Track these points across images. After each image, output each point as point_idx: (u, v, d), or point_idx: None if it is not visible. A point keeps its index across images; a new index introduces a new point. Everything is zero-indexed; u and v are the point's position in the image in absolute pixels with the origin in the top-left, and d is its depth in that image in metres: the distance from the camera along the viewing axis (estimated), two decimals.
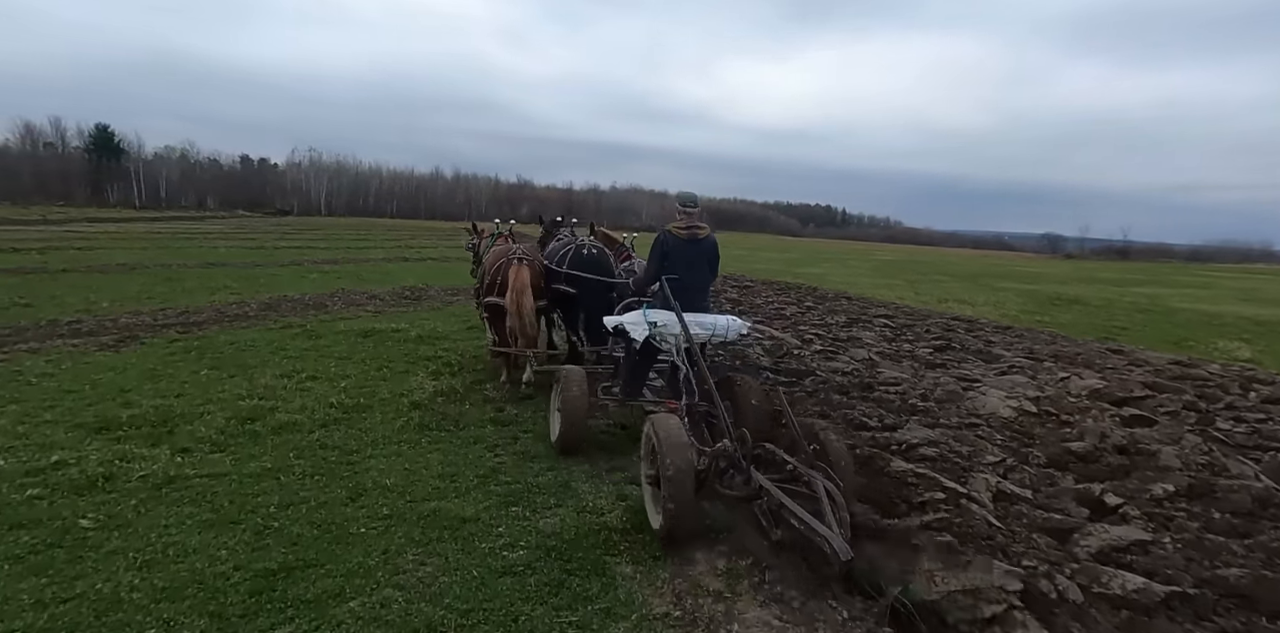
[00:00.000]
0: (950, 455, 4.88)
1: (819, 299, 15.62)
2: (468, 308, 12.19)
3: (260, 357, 7.94)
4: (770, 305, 13.92)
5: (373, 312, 11.57)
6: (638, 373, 5.35)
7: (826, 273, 26.04)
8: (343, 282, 16.17)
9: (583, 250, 6.77)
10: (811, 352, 9.15)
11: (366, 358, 8.06)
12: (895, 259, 42.68)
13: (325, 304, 12.17)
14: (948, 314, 13.87)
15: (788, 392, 6.86)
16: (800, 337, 10.34)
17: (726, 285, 17.64)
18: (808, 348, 9.38)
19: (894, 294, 17.92)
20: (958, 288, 21.31)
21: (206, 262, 20.28)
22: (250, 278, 16.29)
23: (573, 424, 4.79)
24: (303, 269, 19.14)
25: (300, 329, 9.65)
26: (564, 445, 4.92)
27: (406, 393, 6.49)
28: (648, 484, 3.91)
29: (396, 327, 9.92)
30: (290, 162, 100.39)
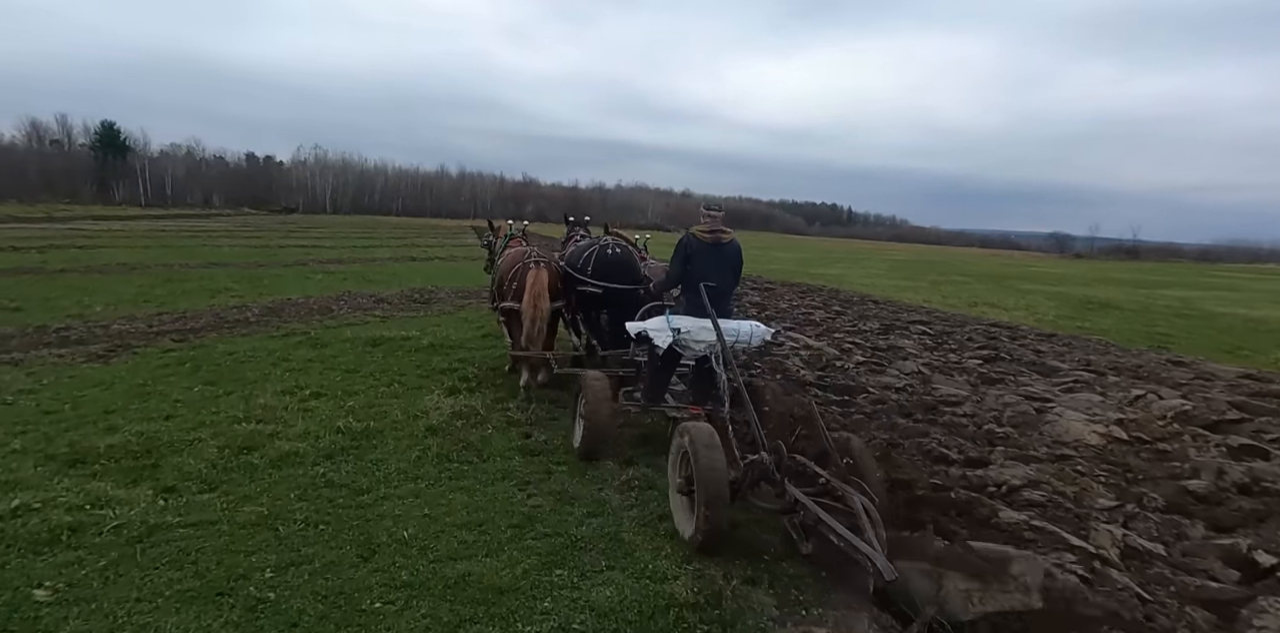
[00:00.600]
0: (1058, 498, 4.19)
1: (844, 303, 14.91)
2: (480, 312, 11.53)
3: (261, 369, 7.26)
4: (796, 310, 13.22)
5: (381, 317, 10.90)
6: (660, 379, 5.24)
7: (844, 274, 25.30)
8: (349, 283, 15.50)
9: (607, 250, 6.52)
10: (854, 363, 8.45)
11: (376, 371, 7.38)
12: (909, 259, 41.90)
13: (331, 308, 11.49)
14: (984, 320, 13.15)
15: (842, 413, 6.19)
16: (838, 345, 9.65)
17: (747, 288, 16.92)
18: (849, 359, 8.69)
19: (920, 297, 17.19)
20: (983, 290, 20.56)
21: (209, 262, 19.64)
22: (253, 279, 15.63)
23: (597, 432, 4.69)
24: (307, 270, 18.48)
25: (304, 337, 8.97)
26: (587, 453, 4.81)
27: (421, 414, 5.80)
28: (677, 493, 3.81)
29: (406, 334, 9.24)
30: (295, 159, 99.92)
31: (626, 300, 6.22)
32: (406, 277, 17.65)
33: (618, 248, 6.60)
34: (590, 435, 4.73)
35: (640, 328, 4.87)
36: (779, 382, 7.05)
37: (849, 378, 7.66)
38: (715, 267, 4.81)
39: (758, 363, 8.22)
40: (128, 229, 36.22)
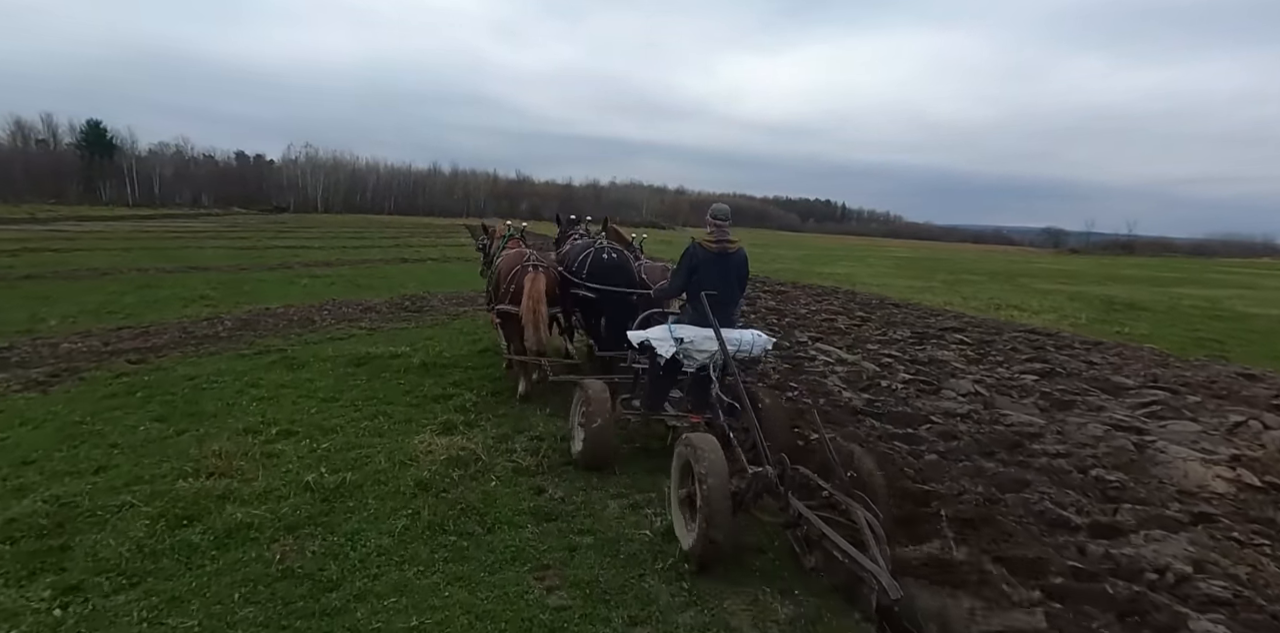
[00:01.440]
0: (1242, 590, 3.19)
1: (865, 306, 13.93)
2: (476, 322, 10.49)
3: (223, 399, 6.21)
4: (817, 316, 12.22)
5: (367, 329, 9.84)
6: (661, 388, 5.15)
7: (852, 273, 24.33)
8: (335, 289, 14.40)
9: (603, 254, 6.47)
10: (900, 382, 7.45)
11: (359, 399, 6.35)
12: (912, 256, 40.99)
13: (313, 319, 10.42)
14: (1017, 325, 12.19)
15: (911, 451, 5.19)
16: (875, 359, 8.66)
17: (759, 291, 15.92)
18: (893, 377, 7.69)
19: (939, 298, 16.23)
20: (1000, 290, 19.64)
21: (188, 265, 18.49)
22: (233, 285, 14.53)
23: (598, 441, 4.59)
24: (292, 273, 17.37)
25: (279, 356, 7.91)
26: (588, 462, 4.72)
27: (410, 461, 4.77)
28: (678, 504, 3.75)
29: (395, 350, 8.18)
30: (286, 158, 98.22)
31: (622, 303, 6.21)
32: (397, 280, 16.56)
33: (613, 252, 6.53)
34: (590, 445, 4.61)
35: (642, 337, 4.75)
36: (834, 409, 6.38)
37: (901, 402, 6.67)
38: (721, 276, 4.73)
39: (794, 383, 7.22)
40: (111, 230, 34.95)
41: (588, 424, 4.63)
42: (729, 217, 4.96)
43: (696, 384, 5.01)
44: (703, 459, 3.39)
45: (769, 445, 3.78)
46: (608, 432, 4.59)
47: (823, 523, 3.19)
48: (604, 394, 4.69)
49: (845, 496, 3.39)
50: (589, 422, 4.61)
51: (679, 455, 3.75)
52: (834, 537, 3.09)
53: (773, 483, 3.50)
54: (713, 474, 3.31)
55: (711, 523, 3.24)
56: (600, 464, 4.71)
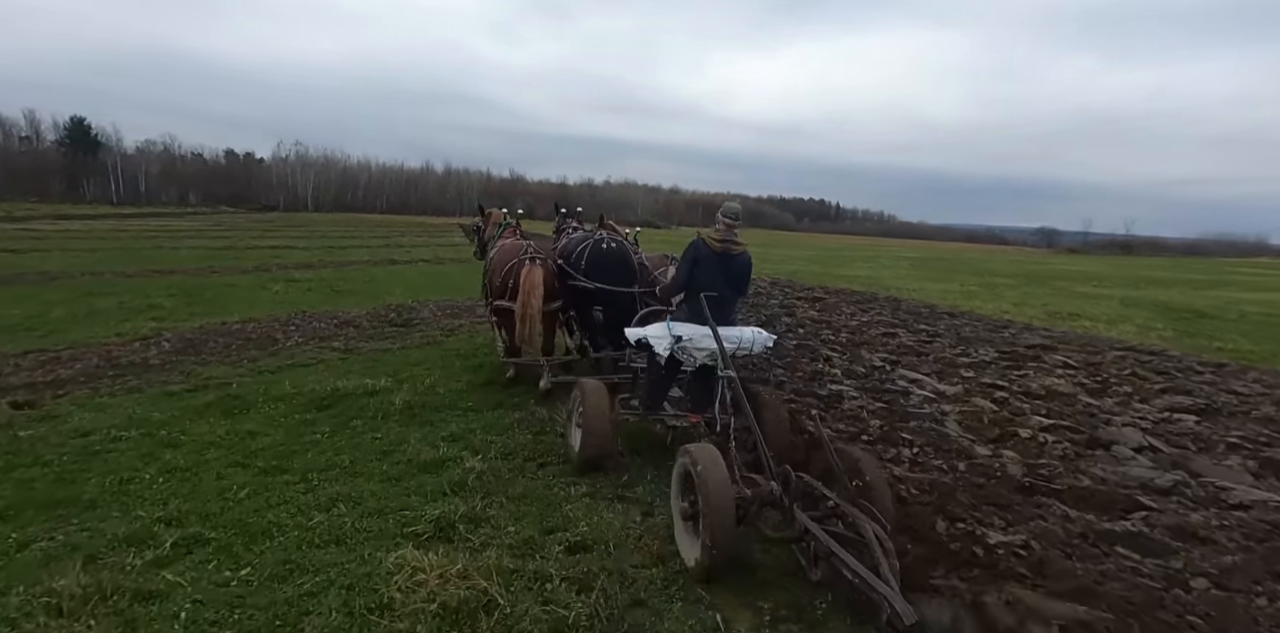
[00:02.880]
0: None
1: (917, 316, 12.06)
2: (475, 340, 8.54)
3: (117, 472, 4.26)
4: (872, 329, 10.33)
5: (341, 351, 7.87)
6: (660, 387, 4.90)
7: (873, 275, 22.49)
8: (311, 297, 12.40)
9: (602, 245, 6.18)
10: (1038, 429, 5.60)
11: (314, 469, 4.41)
12: (923, 257, 39.16)
13: (275, 338, 8.43)
14: (1106, 340, 10.34)
15: (1166, 574, 3.31)
16: (984, 393, 6.79)
17: (793, 297, 14.02)
18: (1024, 421, 5.83)
19: (989, 305, 14.39)
20: (1043, 295, 17.83)
21: (152, 268, 16.45)
22: (194, 292, 12.50)
23: (596, 442, 4.39)
24: (267, 277, 15.34)
25: (219, 395, 5.95)
26: (586, 465, 4.49)
27: (379, 611, 2.84)
28: (680, 518, 3.53)
29: (373, 385, 6.23)
30: (276, 156, 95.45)
31: (621, 297, 5.97)
32: (384, 285, 14.57)
33: (612, 242, 6.25)
34: (589, 447, 4.43)
35: (640, 335, 4.57)
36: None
37: (1071, 467, 4.79)
38: (722, 276, 4.56)
39: (907, 435, 5.33)
40: (87, 229, 32.79)
41: (585, 425, 4.44)
42: (740, 217, 4.58)
43: (696, 383, 4.84)
44: (704, 473, 3.21)
45: (772, 456, 3.68)
46: (606, 433, 4.42)
47: (831, 540, 3.05)
48: (602, 394, 4.52)
49: (851, 506, 3.22)
50: (587, 422, 4.42)
51: (679, 466, 3.56)
52: (844, 557, 2.95)
53: (777, 498, 3.37)
54: (715, 490, 3.14)
55: (716, 540, 3.08)
56: (599, 466, 4.53)
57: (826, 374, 7.34)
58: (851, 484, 3.38)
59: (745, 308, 12.12)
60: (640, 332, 4.59)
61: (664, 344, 4.39)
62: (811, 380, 7.12)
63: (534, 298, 5.72)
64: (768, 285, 17.13)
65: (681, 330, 4.40)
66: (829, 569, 3.11)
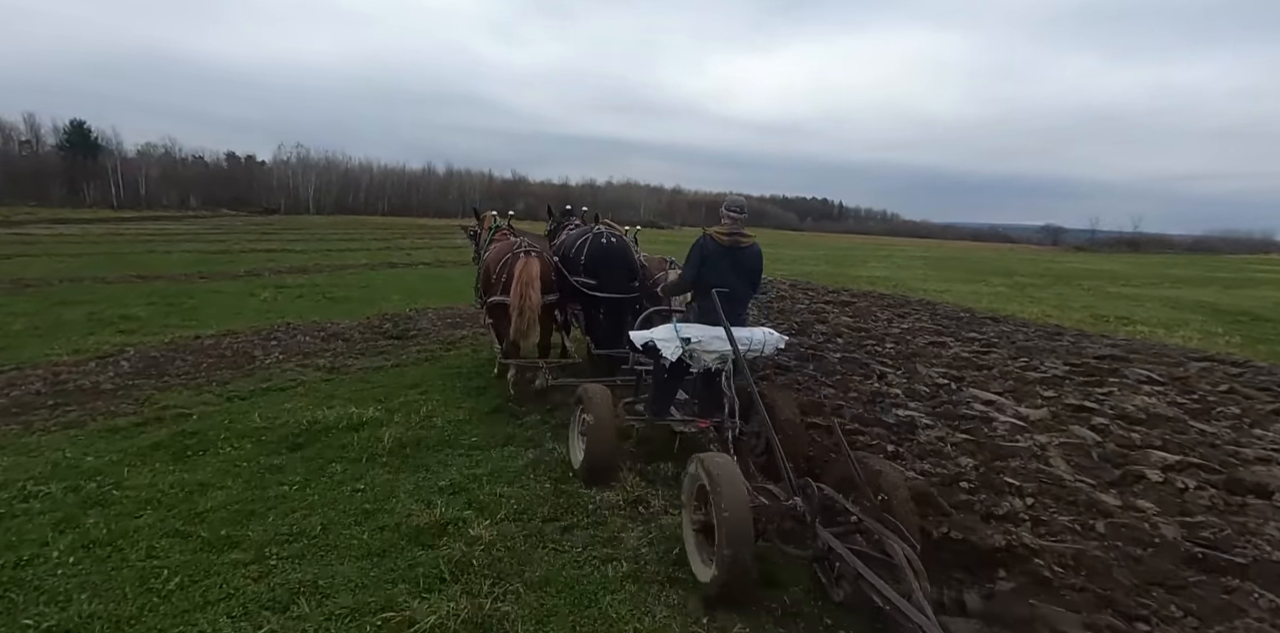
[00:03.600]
0: None
1: (960, 322, 11.03)
2: (480, 356, 7.52)
3: (11, 545, 3.26)
4: (918, 339, 9.30)
5: (326, 370, 6.84)
6: (667, 391, 4.66)
7: (891, 276, 21.44)
8: (300, 304, 11.38)
9: (601, 239, 5.95)
10: (1167, 469, 4.58)
11: (269, 545, 3.38)
12: (937, 256, 38.04)
13: (253, 355, 7.41)
14: (1180, 350, 9.28)
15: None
16: (1078, 419, 5.78)
17: (818, 302, 12.98)
18: (1143, 458, 4.81)
19: (1031, 309, 13.33)
20: (1078, 296, 16.78)
21: (138, 273, 15.43)
22: (175, 299, 11.49)
23: (600, 450, 4.11)
24: (257, 283, 14.32)
25: (172, 430, 4.93)
26: (591, 474, 4.17)
27: None
28: (694, 532, 3.24)
29: (359, 415, 5.21)
30: (277, 158, 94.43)
31: (622, 294, 5.85)
32: (381, 291, 13.54)
33: (612, 237, 6.07)
34: (594, 455, 4.12)
35: (646, 337, 4.24)
36: None
37: (1238, 528, 3.77)
38: (732, 272, 4.30)
39: (1012, 480, 4.31)
40: (82, 233, 31.76)
41: (589, 432, 4.18)
42: (744, 209, 4.42)
43: (704, 387, 4.66)
44: (719, 483, 2.94)
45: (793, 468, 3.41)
46: (611, 440, 4.18)
47: (859, 562, 2.79)
48: (606, 399, 4.29)
49: (877, 522, 3.00)
50: (591, 430, 4.17)
51: (691, 478, 3.26)
52: (874, 581, 2.68)
53: (801, 516, 3.11)
54: (731, 502, 2.87)
55: (733, 555, 2.80)
56: (604, 476, 4.21)
57: (887, 395, 6.32)
58: (876, 498, 3.16)
59: (773, 314, 11.09)
60: (646, 335, 4.29)
61: (672, 347, 4.11)
62: (872, 403, 6.09)
63: (531, 289, 5.40)
64: (788, 287, 16.11)
65: (690, 332, 4.13)
66: (853, 588, 2.89)
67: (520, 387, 5.78)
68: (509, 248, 5.83)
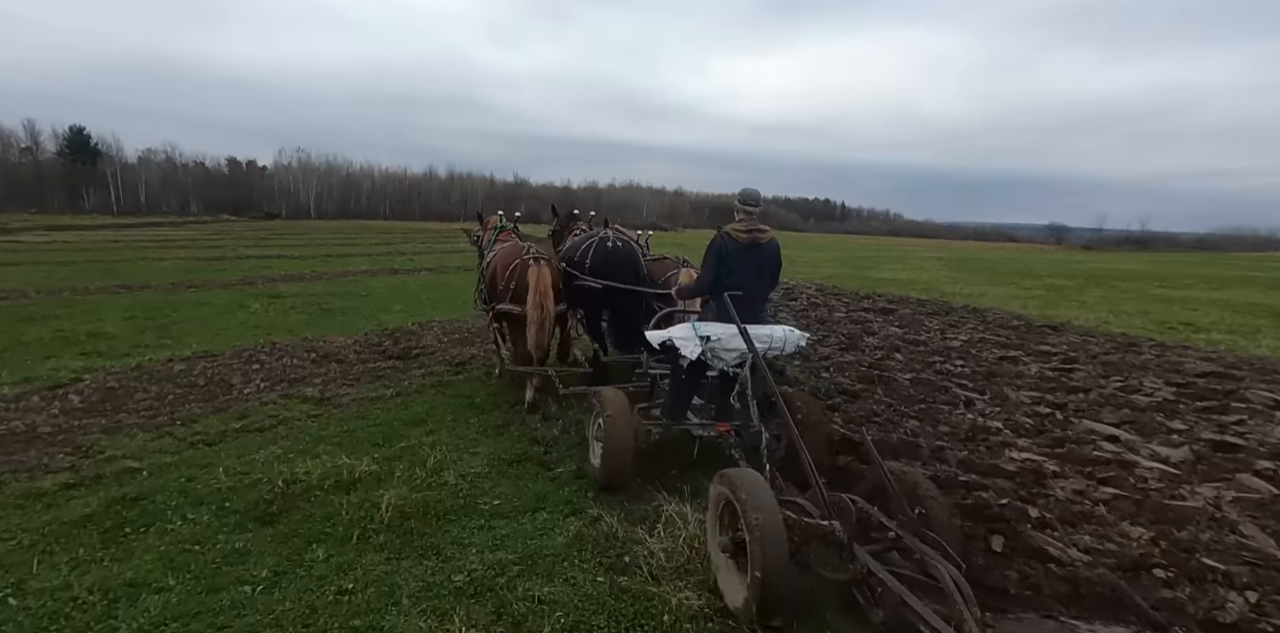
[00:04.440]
0: None
1: (1012, 330, 9.93)
2: (494, 385, 6.44)
3: None
4: (985, 353, 8.20)
5: (314, 402, 5.74)
6: (685, 393, 4.46)
7: (915, 278, 20.33)
8: (292, 318, 10.30)
9: (607, 243, 5.81)
10: None
11: None
12: (950, 257, 36.86)
13: (231, 382, 6.32)
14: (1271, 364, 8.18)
15: None
16: (1241, 463, 4.67)
17: (855, 308, 11.86)
18: None
19: (1087, 315, 12.21)
20: (1125, 300, 15.65)
21: (123, 283, 14.39)
22: (155, 313, 10.42)
23: (618, 457, 3.93)
24: (249, 293, 13.25)
25: (112, 494, 3.83)
26: (608, 481, 4.02)
27: None
28: (722, 554, 3.00)
29: (351, 468, 4.10)
30: (278, 163, 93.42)
31: (631, 298, 5.67)
32: (382, 301, 12.45)
33: (619, 241, 5.89)
34: (610, 461, 3.95)
35: (664, 337, 4.09)
36: None
37: None
38: (751, 270, 4.09)
39: (1211, 562, 3.22)
40: (77, 240, 30.73)
41: (607, 439, 3.96)
42: (760, 202, 4.19)
43: (722, 389, 4.43)
44: (750, 501, 2.74)
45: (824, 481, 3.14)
46: (628, 446, 3.94)
47: (903, 587, 2.55)
48: (622, 403, 4.09)
49: (917, 539, 2.77)
50: (608, 436, 3.95)
51: (717, 495, 3.06)
52: (920, 610, 2.43)
53: (839, 539, 2.84)
54: (764, 520, 2.66)
55: (767, 576, 2.59)
56: (620, 482, 4.01)
57: (987, 430, 5.22)
58: (914, 513, 2.96)
59: (812, 324, 10.01)
60: (663, 334, 4.14)
61: (691, 346, 3.97)
62: (972, 440, 5.00)
63: (548, 300, 5.27)
64: (815, 292, 15.01)
65: (710, 330, 3.98)
66: (892, 611, 2.62)
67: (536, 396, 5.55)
68: (516, 253, 5.59)
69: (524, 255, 5.48)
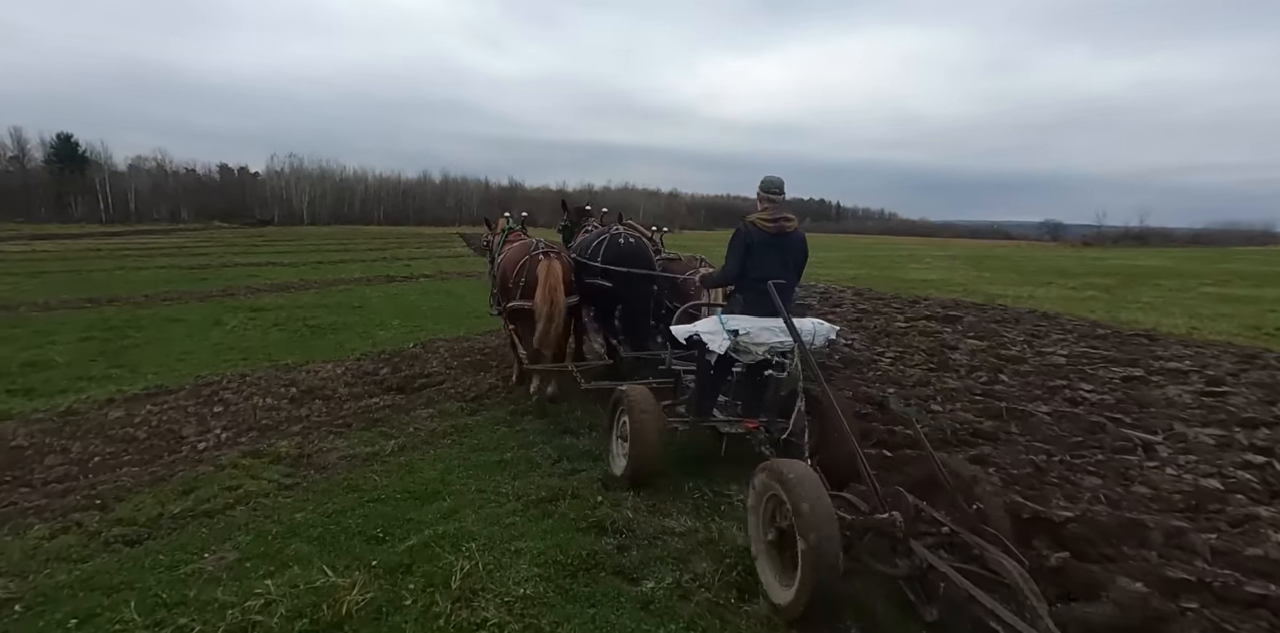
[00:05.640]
0: None
1: (1109, 342, 8.53)
2: (526, 428, 4.97)
3: None
4: (1102, 372, 6.79)
5: (288, 464, 4.23)
6: (712, 389, 4.27)
7: (948, 279, 18.92)
8: (274, 336, 8.80)
9: (619, 240, 5.63)
10: None
11: None
12: (966, 255, 35.35)
13: (181, 434, 4.81)
14: None
15: None
16: None
17: (914, 317, 10.40)
18: None
19: (1173, 321, 10.81)
20: (1189, 302, 14.29)
21: (90, 298, 12.82)
22: (116, 333, 8.91)
23: (646, 454, 3.77)
24: (228, 306, 11.73)
25: None
26: (636, 477, 3.85)
27: None
28: (764, 547, 2.87)
29: (334, 598, 2.64)
30: (270, 169, 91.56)
31: (644, 295, 5.63)
32: (377, 314, 10.95)
33: (631, 237, 5.72)
34: (637, 459, 3.78)
35: (691, 330, 3.92)
36: None
37: None
38: (780, 261, 3.90)
39: None
40: (60, 250, 29.09)
41: (634, 436, 3.79)
42: (783, 189, 4.02)
43: (748, 384, 4.25)
44: (799, 493, 2.55)
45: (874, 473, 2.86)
46: (656, 444, 3.77)
47: (969, 583, 2.37)
48: (649, 400, 3.89)
49: (976, 536, 2.60)
50: (634, 433, 3.79)
51: (761, 487, 2.87)
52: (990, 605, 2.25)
53: (900, 531, 2.64)
54: (816, 513, 2.48)
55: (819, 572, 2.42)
56: (648, 481, 3.86)
57: (1206, 492, 3.79)
58: (971, 508, 2.75)
59: (880, 336, 8.58)
60: (689, 328, 3.92)
61: (719, 340, 3.73)
62: (1198, 510, 3.58)
63: (557, 294, 5.13)
64: (853, 295, 13.60)
65: (738, 323, 3.77)
66: (946, 607, 2.52)
67: (542, 387, 5.42)
68: (525, 250, 5.49)
69: (533, 252, 5.35)
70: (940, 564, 2.50)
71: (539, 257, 5.28)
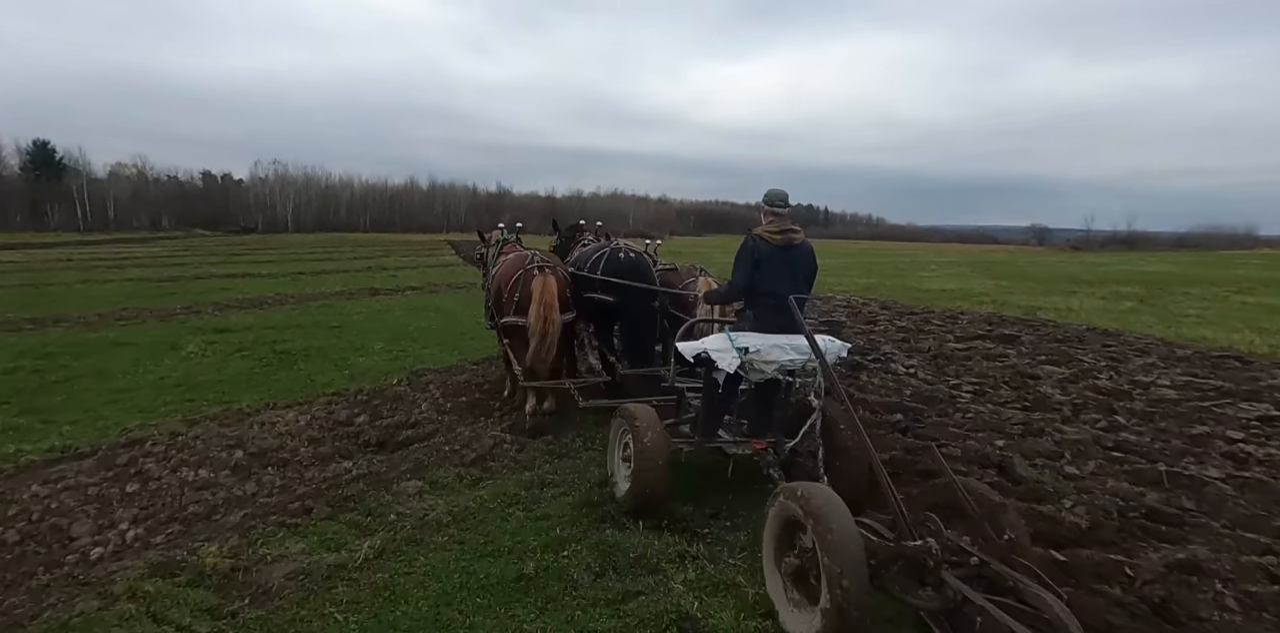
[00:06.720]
0: None
1: (1187, 364, 7.37)
2: (551, 514, 3.65)
3: None
4: (1226, 409, 5.60)
5: (214, 583, 2.87)
6: (719, 409, 4.07)
7: (966, 289, 17.81)
8: (234, 366, 7.43)
9: (619, 254, 5.48)
10: None
11: None
12: (970, 262, 34.33)
13: (70, 535, 3.38)
14: None
15: None
16: None
17: (962, 336, 9.19)
18: None
19: (1236, 336, 9.71)
20: (1228, 311, 13.26)
21: (34, 317, 11.34)
22: (45, 363, 7.51)
23: (650, 479, 3.49)
24: (189, 326, 10.33)
25: None
26: (640, 504, 3.59)
27: None
28: (780, 576, 2.69)
29: None
30: (254, 176, 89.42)
31: (646, 310, 5.41)
32: (359, 337, 9.58)
33: (631, 252, 5.59)
34: (641, 484, 3.51)
35: (699, 348, 3.72)
36: None
37: None
38: (789, 274, 3.74)
39: None
40: (26, 260, 27.46)
41: (637, 458, 3.53)
42: (788, 202, 3.88)
43: (754, 403, 4.05)
44: (823, 518, 2.39)
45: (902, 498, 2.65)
46: (661, 466, 3.51)
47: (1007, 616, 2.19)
48: (653, 419, 3.66)
49: (1007, 567, 2.38)
50: (638, 455, 3.53)
51: (781, 511, 2.67)
52: None
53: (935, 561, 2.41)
54: (841, 539, 2.33)
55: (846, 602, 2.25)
56: (652, 507, 3.61)
57: None
58: (1001, 539, 2.52)
59: (940, 361, 7.37)
60: (697, 345, 3.74)
61: (729, 358, 3.56)
62: None
63: (552, 311, 4.91)
64: (879, 309, 12.40)
65: (748, 341, 3.60)
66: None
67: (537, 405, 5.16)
68: (520, 263, 5.27)
69: (528, 265, 5.16)
70: (977, 597, 2.31)
71: (534, 271, 5.08)
